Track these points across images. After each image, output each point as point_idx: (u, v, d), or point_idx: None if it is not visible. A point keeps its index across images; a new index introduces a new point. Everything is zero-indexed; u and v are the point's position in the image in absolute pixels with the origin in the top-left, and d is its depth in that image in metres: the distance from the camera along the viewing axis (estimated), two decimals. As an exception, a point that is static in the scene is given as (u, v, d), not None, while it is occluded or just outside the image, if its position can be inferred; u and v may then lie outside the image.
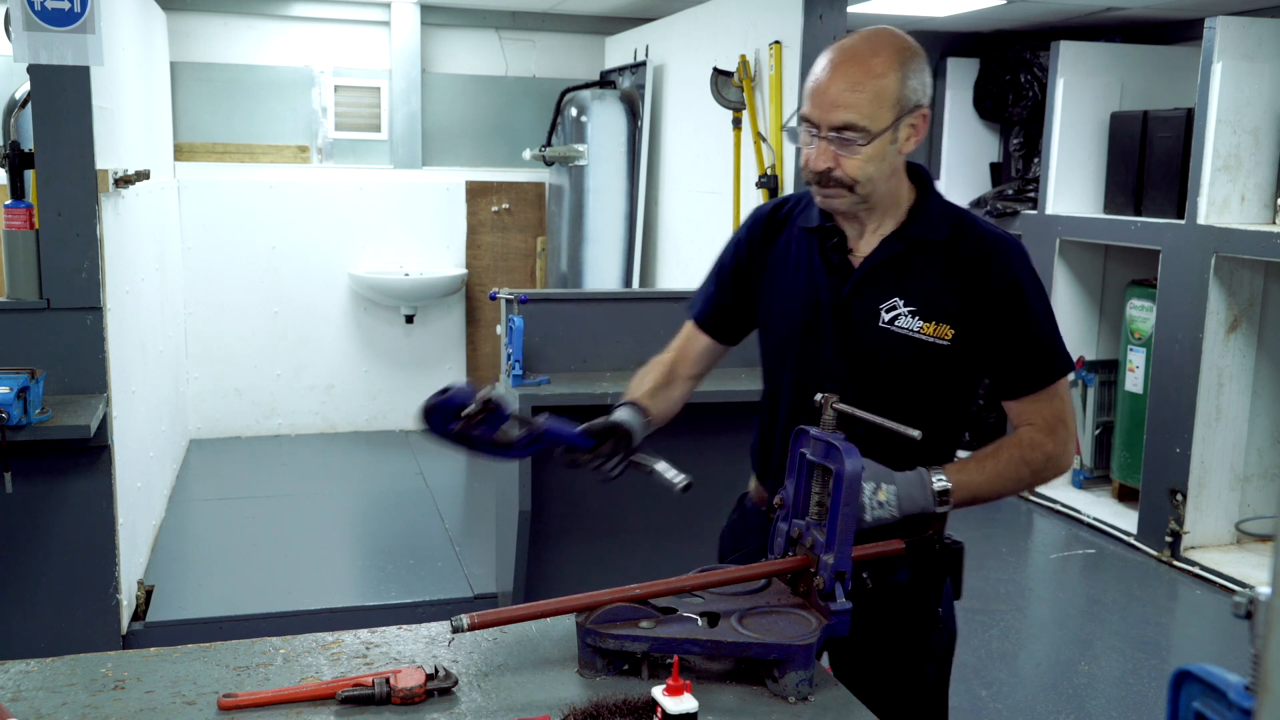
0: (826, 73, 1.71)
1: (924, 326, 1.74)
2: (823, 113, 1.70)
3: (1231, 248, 4.59)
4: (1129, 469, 5.41)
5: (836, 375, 1.78)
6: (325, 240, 6.33)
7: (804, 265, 1.85)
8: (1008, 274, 1.75)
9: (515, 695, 1.48)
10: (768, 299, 1.91)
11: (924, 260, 1.77)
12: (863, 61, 1.69)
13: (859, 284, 1.78)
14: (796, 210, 1.91)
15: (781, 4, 4.32)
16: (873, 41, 1.71)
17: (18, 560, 3.35)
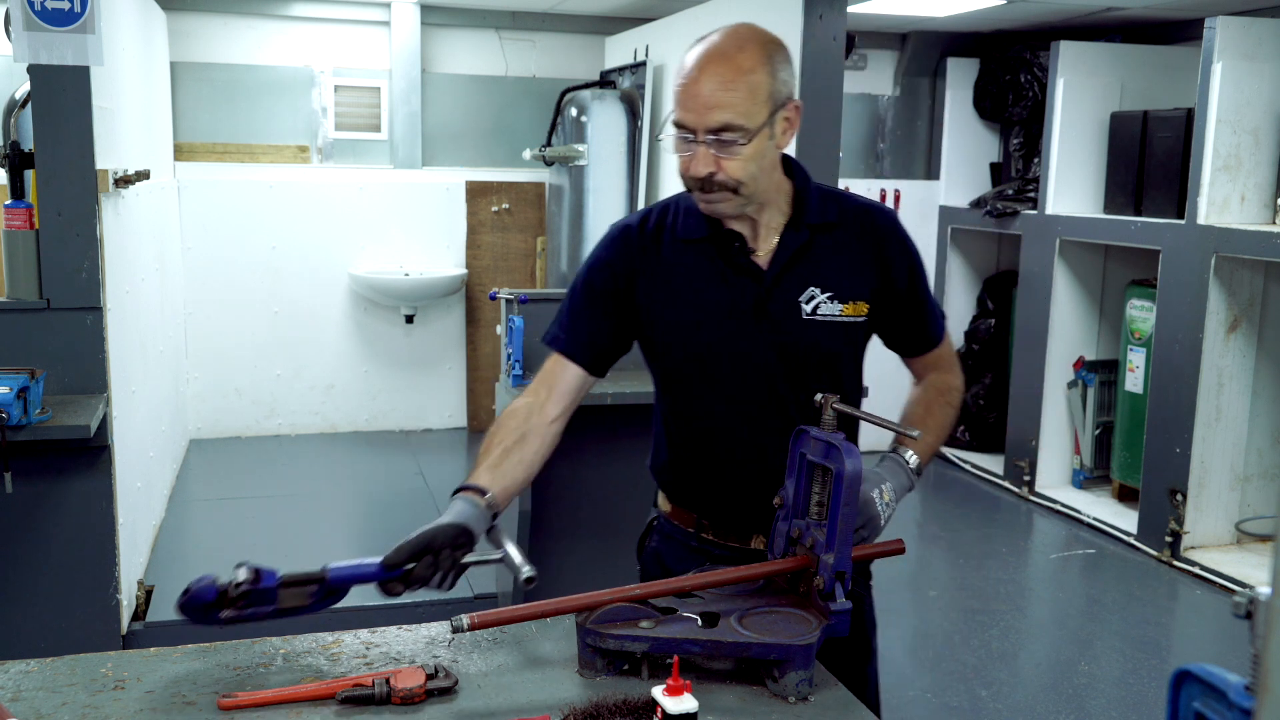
0: (696, 74, 1.65)
1: (844, 308, 1.78)
2: (698, 116, 1.64)
3: (1231, 248, 4.59)
4: (1129, 469, 5.41)
5: (770, 376, 1.78)
6: (325, 240, 6.33)
7: (702, 277, 1.77)
8: (901, 241, 1.84)
9: (515, 695, 1.48)
10: (662, 320, 1.80)
11: (824, 244, 1.78)
12: (730, 59, 1.65)
13: (774, 283, 1.76)
14: (666, 221, 1.82)
15: (781, 4, 4.32)
16: (737, 38, 1.68)
17: (18, 560, 3.35)
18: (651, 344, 1.85)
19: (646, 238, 1.82)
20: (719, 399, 1.80)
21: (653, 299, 1.80)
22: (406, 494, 5.46)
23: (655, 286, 1.80)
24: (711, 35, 1.70)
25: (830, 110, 4.22)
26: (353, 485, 5.77)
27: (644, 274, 1.81)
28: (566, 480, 3.84)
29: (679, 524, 1.92)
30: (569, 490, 3.86)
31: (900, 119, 6.69)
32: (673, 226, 1.81)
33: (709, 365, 1.79)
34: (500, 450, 1.75)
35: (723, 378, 1.79)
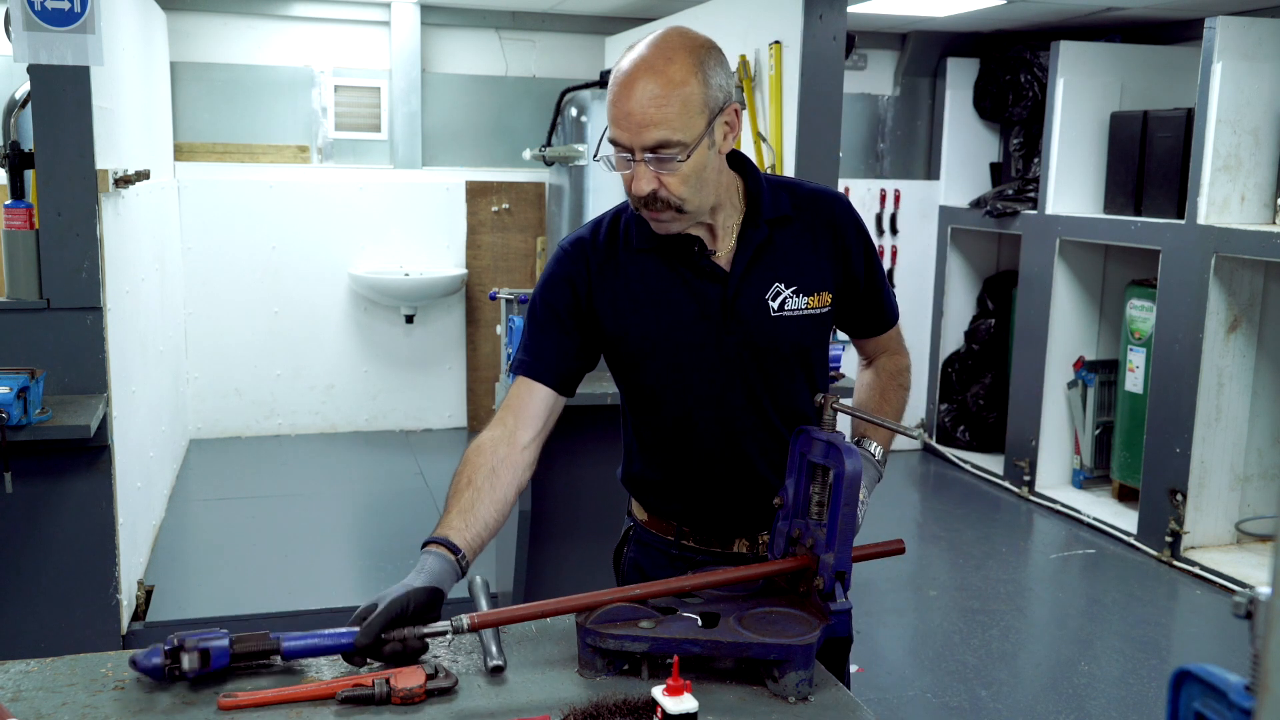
0: (625, 91, 1.58)
1: (809, 301, 1.76)
2: (633, 135, 1.59)
3: (1231, 248, 4.59)
4: (1129, 469, 5.41)
5: (740, 378, 1.76)
6: (325, 240, 6.33)
7: (663, 285, 1.74)
8: (855, 226, 1.82)
9: (515, 695, 1.48)
10: (626, 333, 1.76)
11: (783, 238, 1.76)
12: (660, 72, 1.58)
13: (739, 283, 1.74)
14: (618, 230, 1.77)
15: (781, 4, 4.32)
16: (665, 48, 1.61)
17: (18, 560, 3.35)
18: (618, 356, 1.81)
19: (600, 250, 1.77)
20: (693, 404, 1.77)
21: (616, 311, 1.76)
22: (406, 494, 5.46)
23: (617, 298, 1.75)
24: (639, 45, 1.63)
25: (830, 110, 4.22)
26: (353, 485, 5.78)
27: (603, 286, 1.76)
28: (566, 480, 3.84)
29: (657, 533, 1.89)
30: (569, 490, 3.86)
31: (900, 119, 6.69)
32: (626, 235, 1.76)
33: (680, 372, 1.76)
34: (471, 492, 1.66)
35: (695, 382, 1.76)
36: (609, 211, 1.83)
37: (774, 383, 1.77)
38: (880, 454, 1.82)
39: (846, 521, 1.54)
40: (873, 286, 1.85)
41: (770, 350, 1.76)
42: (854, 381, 2.03)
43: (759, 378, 1.76)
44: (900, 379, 1.93)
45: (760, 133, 4.51)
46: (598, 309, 1.77)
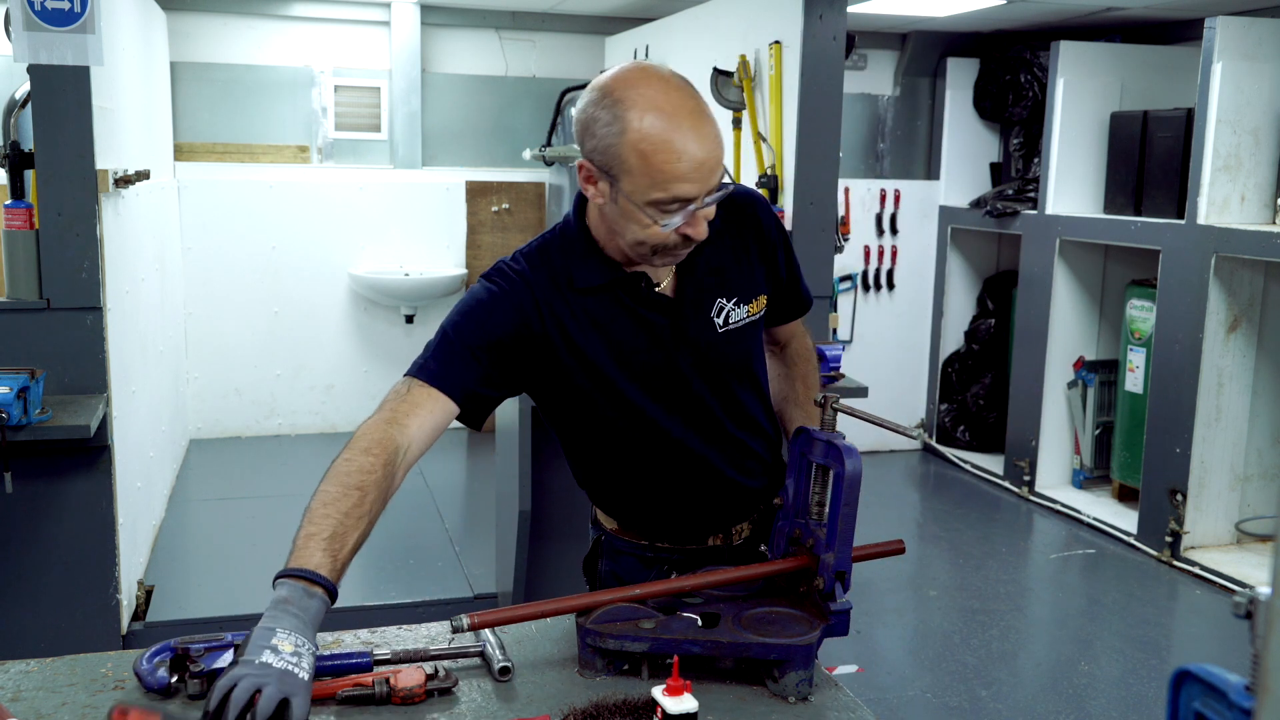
0: (689, 143, 1.53)
1: (750, 308, 1.77)
2: (702, 183, 1.55)
3: (1231, 248, 4.59)
4: (1129, 469, 5.41)
5: (699, 394, 1.75)
6: (325, 240, 6.33)
7: (614, 320, 1.69)
8: (775, 224, 1.82)
9: (515, 695, 1.48)
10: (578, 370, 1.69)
11: (716, 252, 1.74)
12: (700, 111, 1.57)
13: (684, 309, 1.72)
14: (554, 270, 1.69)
15: (781, 4, 4.32)
16: (680, 86, 1.58)
17: (18, 560, 3.35)
18: (568, 390, 1.72)
19: (543, 286, 1.68)
20: (651, 429, 1.75)
21: (565, 347, 1.68)
22: (406, 494, 5.42)
23: (566, 335, 1.68)
24: (649, 94, 1.54)
25: (830, 110, 4.22)
26: (353, 485, 5.76)
27: (551, 323, 1.67)
28: (566, 480, 3.83)
29: (629, 538, 1.88)
30: (569, 490, 3.85)
31: (900, 119, 6.69)
32: (567, 275, 1.69)
33: (636, 401, 1.72)
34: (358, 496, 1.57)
35: (651, 408, 1.73)
36: (531, 247, 1.73)
37: (727, 393, 1.78)
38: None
39: (846, 521, 1.54)
40: (793, 278, 1.88)
41: (721, 365, 1.76)
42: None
43: (712, 392, 1.76)
44: (811, 360, 1.96)
45: (760, 133, 4.51)
46: (544, 351, 1.68)
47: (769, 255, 1.81)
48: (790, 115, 4.29)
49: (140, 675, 1.45)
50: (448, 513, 5.13)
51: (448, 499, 5.39)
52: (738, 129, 4.69)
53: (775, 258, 1.82)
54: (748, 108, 4.59)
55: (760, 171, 4.44)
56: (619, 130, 1.54)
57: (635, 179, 1.55)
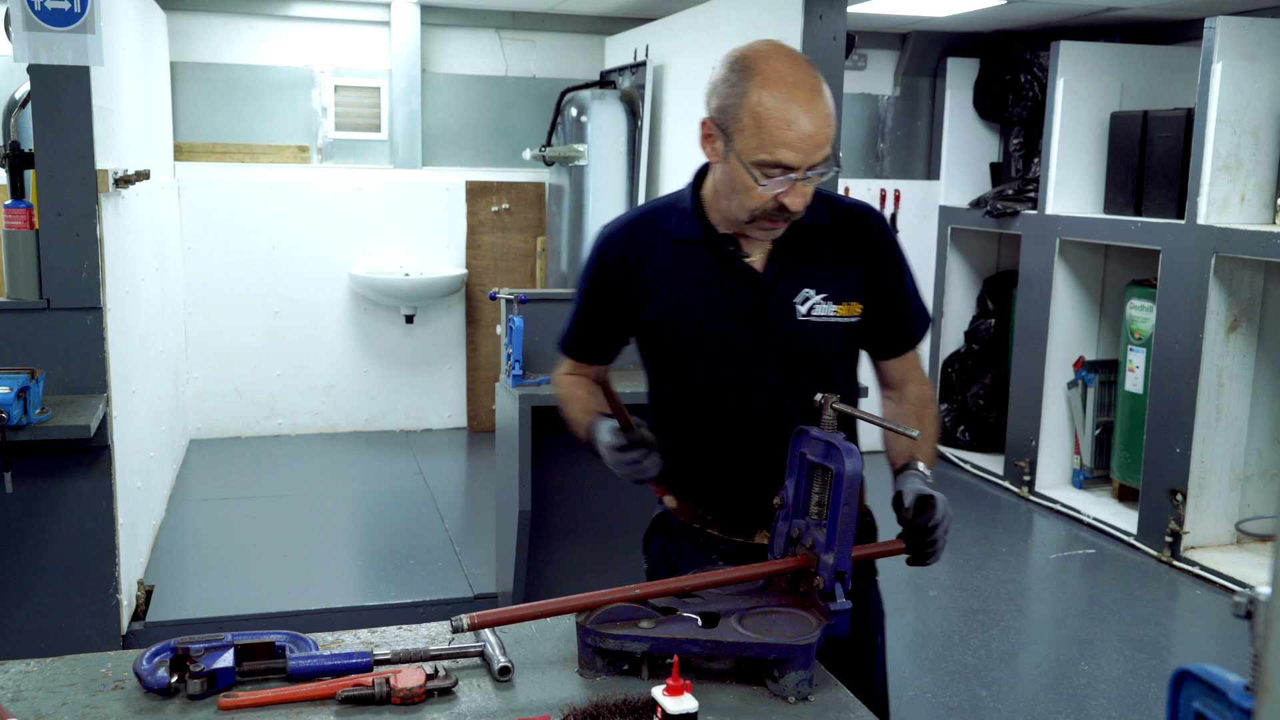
0: (799, 114, 1.64)
1: (839, 309, 1.80)
2: (807, 155, 1.65)
3: (1231, 248, 4.59)
4: (1129, 469, 5.41)
5: (763, 377, 1.80)
6: (325, 240, 6.33)
7: (696, 280, 1.80)
8: (888, 242, 1.86)
9: (515, 695, 1.48)
10: (656, 321, 1.84)
11: (818, 247, 1.81)
12: (819, 91, 1.66)
13: (771, 285, 1.79)
14: (658, 224, 1.85)
15: (781, 4, 4.32)
16: (805, 65, 1.68)
17: (18, 560, 3.35)
18: (648, 342, 1.88)
19: (639, 242, 1.85)
20: (717, 399, 1.81)
21: (648, 300, 1.83)
22: (406, 494, 5.46)
23: (650, 288, 1.83)
24: (776, 67, 1.67)
25: (830, 110, 4.22)
26: (353, 485, 5.78)
27: (637, 276, 1.84)
28: (566, 480, 3.84)
29: (684, 519, 1.94)
30: (569, 490, 3.86)
31: (900, 119, 6.69)
32: (665, 229, 1.83)
33: (706, 366, 1.81)
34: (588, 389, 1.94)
35: (720, 378, 1.81)
36: (649, 204, 1.91)
37: (796, 384, 1.80)
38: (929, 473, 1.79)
39: (846, 521, 1.54)
40: (899, 302, 1.86)
41: (795, 352, 1.80)
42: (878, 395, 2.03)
43: (782, 378, 1.80)
44: (931, 409, 1.90)
45: (760, 133, 4.51)
46: (633, 296, 1.84)
47: (873, 270, 1.83)
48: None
49: (140, 675, 1.45)
50: (448, 513, 5.13)
51: (448, 499, 5.39)
52: (738, 129, 4.69)
53: (879, 275, 1.83)
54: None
55: (760, 171, 4.44)
56: (741, 93, 1.67)
57: (746, 139, 1.67)
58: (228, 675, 1.46)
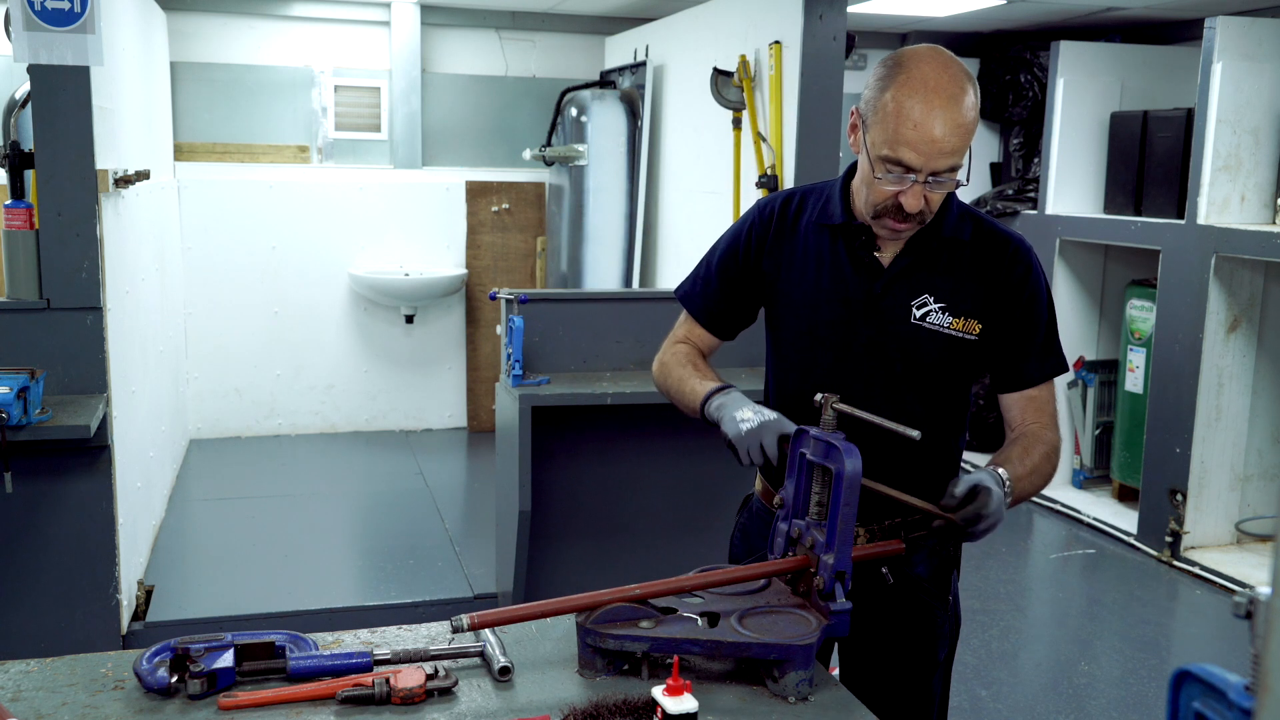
0: (929, 117, 1.65)
1: (954, 322, 1.81)
2: (927, 160, 1.67)
3: (1231, 248, 4.59)
4: (1129, 469, 5.41)
5: (866, 371, 1.82)
6: (325, 240, 6.33)
7: (826, 262, 1.85)
8: (1029, 275, 1.84)
9: (515, 695, 1.48)
10: (783, 294, 1.89)
11: (949, 258, 1.82)
12: (958, 101, 1.66)
13: (890, 282, 1.81)
14: (808, 203, 1.90)
15: (781, 4, 4.32)
16: (956, 76, 1.68)
17: (18, 560, 3.35)
18: (770, 316, 1.95)
19: (788, 216, 1.90)
20: (817, 381, 1.81)
21: (777, 273, 1.89)
22: (406, 494, 5.46)
23: (781, 264, 1.89)
24: (923, 69, 1.67)
25: (830, 110, 4.22)
26: (353, 485, 5.78)
27: (774, 248, 1.90)
28: (566, 480, 3.84)
29: (766, 503, 1.97)
30: (569, 490, 3.86)
31: (900, 119, 6.68)
32: (812, 209, 1.88)
33: (814, 347, 1.85)
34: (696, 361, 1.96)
35: (824, 362, 1.84)
36: (813, 184, 1.95)
37: (896, 384, 1.82)
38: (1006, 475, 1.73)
39: (846, 521, 1.54)
40: (1023, 337, 1.84)
41: (901, 353, 1.81)
42: None
43: (883, 378, 1.82)
44: (1049, 450, 1.83)
45: (760, 133, 4.51)
46: (765, 268, 1.90)
47: (1000, 295, 1.82)
48: (790, 115, 4.29)
49: (140, 675, 1.45)
50: (448, 513, 5.13)
51: (448, 499, 5.39)
52: (738, 129, 4.69)
53: (1007, 302, 1.82)
54: (748, 108, 4.59)
55: (760, 171, 4.44)
56: (883, 88, 1.70)
57: (876, 132, 1.71)
58: (228, 675, 1.46)
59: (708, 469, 3.89)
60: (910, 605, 1.90)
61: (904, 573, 1.85)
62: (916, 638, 1.93)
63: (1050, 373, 1.88)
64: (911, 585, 1.89)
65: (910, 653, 1.93)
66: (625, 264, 5.92)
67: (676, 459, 3.91)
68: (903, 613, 1.90)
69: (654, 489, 3.93)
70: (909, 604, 1.90)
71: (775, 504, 1.69)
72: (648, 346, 3.59)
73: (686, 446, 3.88)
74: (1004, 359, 1.87)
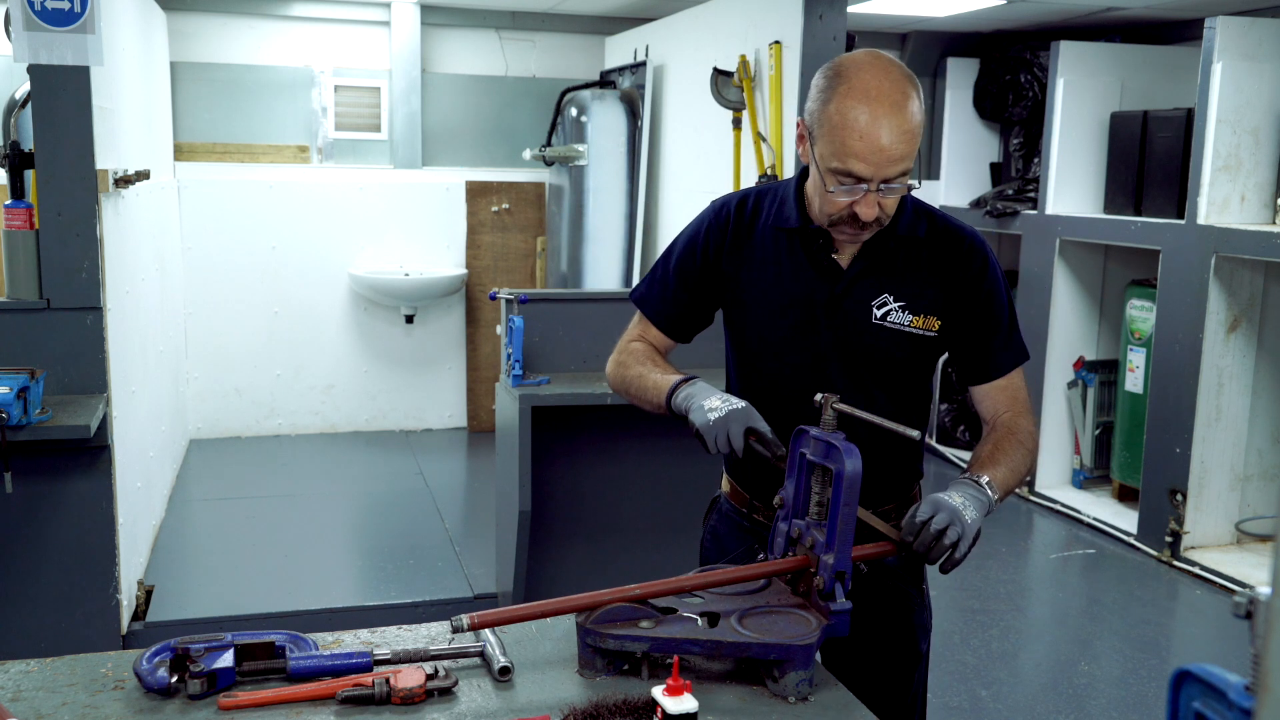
0: (875, 126, 1.65)
1: (914, 320, 1.82)
2: (877, 169, 1.67)
3: (1231, 248, 4.59)
4: (1129, 469, 5.41)
5: (830, 372, 1.83)
6: (325, 240, 6.33)
7: (785, 264, 1.85)
8: (986, 268, 1.86)
9: (515, 695, 1.48)
10: (744, 296, 1.89)
11: (906, 257, 1.83)
12: (902, 107, 1.66)
13: (850, 283, 1.82)
14: (763, 205, 1.90)
15: (781, 4, 4.32)
16: (896, 78, 1.67)
17: (18, 560, 3.35)
18: (729, 320, 1.94)
19: (745, 217, 1.89)
20: (781, 385, 1.84)
21: (735, 277, 1.88)
22: (406, 494, 5.46)
23: (740, 266, 1.88)
24: (864, 77, 1.67)
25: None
26: (353, 485, 5.78)
27: (734, 249, 1.89)
28: (566, 480, 3.84)
29: (735, 503, 1.98)
30: (569, 490, 3.86)
31: (900, 119, 6.68)
32: (768, 212, 1.88)
33: (775, 351, 1.85)
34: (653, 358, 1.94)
35: (786, 366, 1.85)
36: (763, 187, 1.95)
37: (859, 383, 1.82)
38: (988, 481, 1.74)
39: (846, 521, 1.54)
40: (984, 329, 1.86)
41: (862, 352, 1.82)
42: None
43: (846, 377, 1.82)
44: (1018, 436, 1.85)
45: (760, 133, 4.51)
46: (725, 268, 1.89)
47: (957, 290, 1.83)
48: (790, 115, 4.29)
49: (140, 675, 1.45)
50: (448, 513, 5.13)
51: (448, 499, 5.39)
52: (738, 129, 4.70)
53: (963, 297, 1.83)
54: (748, 108, 4.59)
55: (760, 171, 4.44)
56: (826, 99, 1.69)
57: (824, 145, 1.70)
58: (228, 675, 1.46)
59: (708, 469, 3.88)
60: (886, 596, 1.91)
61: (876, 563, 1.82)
62: (896, 630, 1.94)
63: (1016, 361, 1.90)
64: (884, 575, 1.89)
65: (892, 646, 1.94)
66: (625, 264, 5.92)
67: (676, 459, 3.90)
68: (880, 604, 1.89)
69: (654, 489, 3.93)
70: (885, 595, 1.90)
71: (775, 504, 1.69)
72: (648, 346, 3.59)
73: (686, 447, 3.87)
74: (970, 353, 1.88)
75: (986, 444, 1.85)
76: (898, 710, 1.94)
